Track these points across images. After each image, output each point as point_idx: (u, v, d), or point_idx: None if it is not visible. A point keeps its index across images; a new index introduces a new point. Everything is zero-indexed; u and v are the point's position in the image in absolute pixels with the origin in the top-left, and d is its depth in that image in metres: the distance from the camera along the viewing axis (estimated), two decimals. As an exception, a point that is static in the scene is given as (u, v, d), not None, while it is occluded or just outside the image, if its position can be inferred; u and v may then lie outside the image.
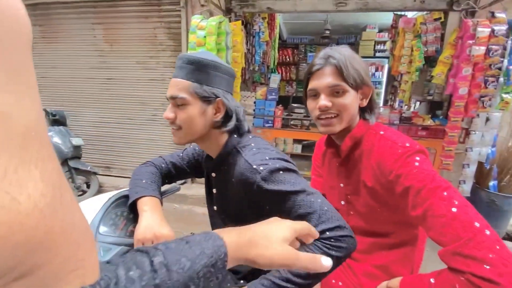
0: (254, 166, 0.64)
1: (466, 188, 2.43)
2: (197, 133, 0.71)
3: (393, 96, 4.30)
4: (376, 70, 5.44)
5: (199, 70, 0.67)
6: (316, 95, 0.77)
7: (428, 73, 2.70)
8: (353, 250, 0.59)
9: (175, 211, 2.92)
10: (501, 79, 2.17)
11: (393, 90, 4.24)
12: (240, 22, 2.58)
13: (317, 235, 0.44)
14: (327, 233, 0.57)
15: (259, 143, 0.73)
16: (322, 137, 0.97)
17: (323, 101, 0.74)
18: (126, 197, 0.76)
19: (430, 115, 2.65)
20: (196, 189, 3.14)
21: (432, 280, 0.57)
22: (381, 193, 0.73)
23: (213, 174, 0.78)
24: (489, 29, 2.08)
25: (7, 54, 0.17)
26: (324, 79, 0.74)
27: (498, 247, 0.51)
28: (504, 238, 2.54)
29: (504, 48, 2.11)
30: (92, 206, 0.69)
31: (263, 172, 0.63)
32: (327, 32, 4.64)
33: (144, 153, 3.46)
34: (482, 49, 2.10)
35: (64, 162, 2.88)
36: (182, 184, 3.32)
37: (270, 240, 0.36)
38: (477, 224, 0.54)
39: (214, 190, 0.78)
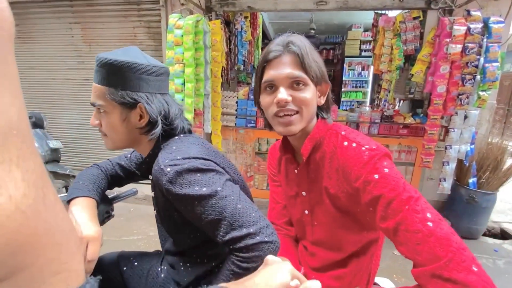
0: (162, 167, 0.59)
1: (447, 186, 2.44)
2: (123, 140, 0.66)
3: (379, 95, 4.32)
4: (362, 69, 5.47)
5: (113, 73, 0.61)
6: (272, 87, 0.66)
7: (409, 71, 2.71)
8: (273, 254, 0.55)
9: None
10: (478, 77, 2.19)
11: (379, 89, 4.26)
12: (219, 21, 2.53)
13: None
14: (238, 243, 0.53)
15: (185, 141, 0.67)
16: (275, 143, 0.90)
17: (283, 94, 0.63)
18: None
19: (411, 114, 2.66)
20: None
21: None
22: (343, 201, 0.67)
23: (150, 176, 0.74)
24: (465, 27, 2.09)
25: None
26: (284, 69, 0.64)
27: (476, 268, 0.47)
28: (484, 234, 2.57)
29: (480, 46, 2.13)
30: None
31: (169, 173, 0.57)
32: (312, 31, 4.64)
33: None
34: (459, 47, 2.11)
35: (41, 166, 2.79)
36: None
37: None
38: (454, 241, 0.49)
39: (153, 194, 0.74)
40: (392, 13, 2.97)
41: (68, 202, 0.66)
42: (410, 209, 0.53)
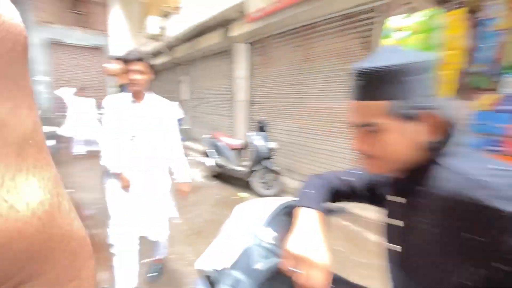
0: (470, 177, 0.43)
1: None
2: (401, 161, 0.54)
3: None
4: None
5: (391, 82, 0.49)
6: None
7: None
8: None
9: (344, 229, 2.74)
10: None
11: None
12: (461, 11, 1.97)
13: None
14: None
15: (468, 150, 0.50)
16: None
17: None
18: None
19: None
20: (370, 211, 2.79)
21: None
22: None
23: (402, 199, 0.56)
24: None
25: (1, 63, 0.17)
26: None
27: None
28: None
29: None
30: (265, 206, 0.72)
31: (495, 185, 0.40)
32: None
33: (322, 163, 3.59)
34: None
35: (260, 161, 3.56)
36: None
37: None
38: None
39: (402, 223, 0.56)
40: None
41: (295, 207, 0.66)
42: None
